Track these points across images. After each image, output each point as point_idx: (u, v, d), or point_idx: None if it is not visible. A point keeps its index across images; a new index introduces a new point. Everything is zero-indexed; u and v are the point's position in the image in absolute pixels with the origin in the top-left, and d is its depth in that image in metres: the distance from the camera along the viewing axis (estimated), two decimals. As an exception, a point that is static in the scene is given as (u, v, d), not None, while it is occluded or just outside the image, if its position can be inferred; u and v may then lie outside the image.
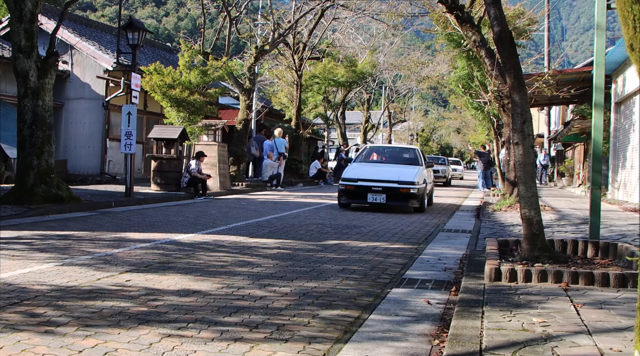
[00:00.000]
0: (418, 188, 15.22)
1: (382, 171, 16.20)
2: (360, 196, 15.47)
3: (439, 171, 32.12)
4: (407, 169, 16.19)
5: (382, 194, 15.23)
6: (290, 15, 27.51)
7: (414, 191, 15.14)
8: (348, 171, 16.32)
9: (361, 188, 15.41)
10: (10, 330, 4.44)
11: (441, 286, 6.42)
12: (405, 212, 15.77)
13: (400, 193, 15.22)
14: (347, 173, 16.07)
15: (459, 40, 18.26)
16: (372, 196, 15.28)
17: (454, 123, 64.09)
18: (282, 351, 4.20)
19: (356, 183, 15.52)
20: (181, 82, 20.94)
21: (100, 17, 79.27)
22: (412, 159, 17.57)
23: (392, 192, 15.24)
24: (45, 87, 13.38)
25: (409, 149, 18.81)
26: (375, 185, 15.34)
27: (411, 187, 15.17)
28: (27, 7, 13.05)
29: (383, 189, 15.28)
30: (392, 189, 15.25)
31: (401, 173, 15.64)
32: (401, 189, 15.15)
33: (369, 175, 15.73)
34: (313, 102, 37.07)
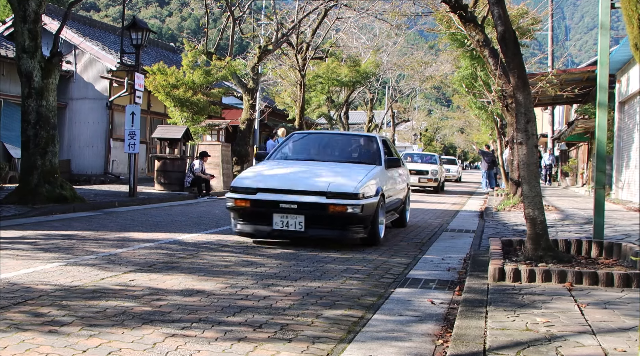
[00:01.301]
0: (363, 205, 8.56)
1: (305, 174, 9.30)
2: (260, 218, 8.92)
3: (426, 173, 26.62)
4: (350, 170, 9.46)
5: (298, 216, 8.66)
6: (294, 15, 27.49)
7: (354, 209, 8.45)
8: (243, 175, 9.48)
9: (262, 205, 8.81)
10: (14, 329, 4.45)
11: (445, 286, 6.42)
12: None
13: (329, 214, 8.59)
14: (241, 179, 9.24)
15: (463, 39, 18.24)
16: (281, 219, 8.68)
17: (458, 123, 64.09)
18: (285, 351, 4.20)
19: (254, 195, 8.83)
20: (185, 82, 20.96)
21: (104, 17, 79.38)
22: (364, 155, 10.75)
23: (315, 211, 8.63)
24: (49, 87, 13.39)
25: (362, 137, 11.50)
26: (286, 199, 8.67)
27: (350, 203, 8.47)
28: (30, 7, 13.06)
29: (299, 207, 8.64)
30: (314, 206, 8.61)
31: (336, 178, 8.95)
32: (330, 207, 8.52)
33: (279, 181, 9.07)
34: (316, 102, 37.05)
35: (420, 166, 27.39)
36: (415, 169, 25.93)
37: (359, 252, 8.65)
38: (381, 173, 9.91)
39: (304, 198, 8.70)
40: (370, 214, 8.88)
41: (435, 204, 18.76)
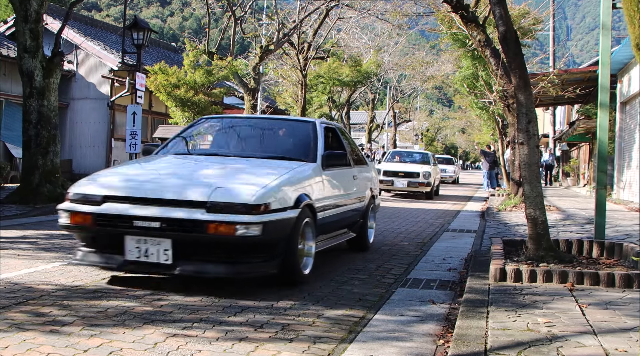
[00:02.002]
0: (265, 223, 5.64)
1: (182, 175, 6.40)
2: (108, 242, 6.05)
3: (416, 175, 21.43)
4: (259, 169, 6.67)
5: (163, 240, 5.71)
6: (295, 15, 27.48)
7: (248, 230, 5.55)
8: (89, 177, 6.53)
9: (108, 222, 5.86)
10: (15, 329, 4.45)
11: (446, 286, 6.42)
12: None
13: (209, 238, 5.64)
14: (84, 182, 6.32)
15: (464, 39, 18.24)
16: (137, 245, 5.78)
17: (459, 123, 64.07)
18: (287, 350, 4.20)
19: (98, 206, 5.91)
20: (186, 82, 20.96)
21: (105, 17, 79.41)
22: (293, 147, 7.71)
23: (187, 234, 5.66)
24: (51, 87, 13.40)
25: (294, 123, 8.54)
26: (143, 214, 5.75)
27: (241, 220, 5.53)
28: (32, 7, 13.07)
29: (164, 225, 5.67)
30: (187, 224, 5.63)
31: (227, 181, 6.06)
32: (210, 226, 5.57)
33: (135, 186, 6.08)
34: (318, 101, 37.04)
35: (409, 167, 22.26)
36: (402, 171, 21.75)
37: (360, 252, 8.64)
38: (312, 174, 6.81)
39: (172, 212, 5.62)
40: (279, 238, 5.82)
41: (436, 204, 18.76)
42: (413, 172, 21.54)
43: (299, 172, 6.63)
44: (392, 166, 22.59)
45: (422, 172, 21.44)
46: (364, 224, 8.76)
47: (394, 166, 22.63)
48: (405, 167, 22.15)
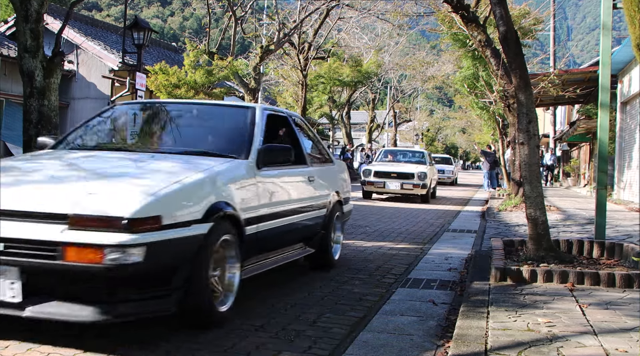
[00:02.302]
0: (149, 245, 3.93)
1: (49, 176, 4.72)
2: None
3: (410, 177, 19.38)
4: (158, 169, 4.92)
5: (8, 269, 3.94)
6: (296, 15, 27.48)
7: (122, 256, 3.80)
8: None
9: None
10: (16, 328, 4.45)
11: (446, 286, 6.42)
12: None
13: (68, 269, 3.84)
14: None
15: (465, 40, 18.24)
16: None
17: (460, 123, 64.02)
18: (287, 350, 4.20)
19: None
20: (186, 81, 20.96)
21: (106, 17, 79.39)
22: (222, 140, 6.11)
23: (40, 261, 3.86)
24: (51, 87, 13.36)
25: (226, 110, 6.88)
26: None
27: (114, 242, 3.80)
28: (33, 6, 13.05)
29: (8, 248, 3.91)
30: (38, 249, 3.87)
31: (103, 184, 4.42)
32: (68, 251, 3.80)
33: None
34: (318, 101, 37.07)
35: (403, 167, 20.44)
36: (395, 172, 19.81)
37: (361, 252, 8.65)
38: (240, 174, 5.25)
39: (19, 230, 3.96)
40: (176, 264, 4.23)
41: (436, 205, 18.77)
42: (407, 173, 19.52)
43: (220, 172, 4.97)
44: (384, 166, 20.66)
45: (417, 173, 19.28)
46: (325, 236, 7.10)
47: (387, 166, 20.71)
48: (398, 168, 20.24)
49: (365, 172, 20.04)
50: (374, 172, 19.81)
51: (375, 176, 19.73)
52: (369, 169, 20.01)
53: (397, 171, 19.83)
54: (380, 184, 19.66)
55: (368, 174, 19.87)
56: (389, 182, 19.55)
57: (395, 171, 19.91)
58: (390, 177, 19.70)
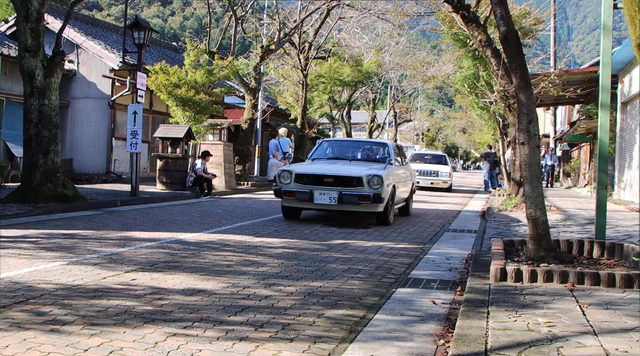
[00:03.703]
0: None
1: None
2: None
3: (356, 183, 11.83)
4: None
5: None
6: (296, 15, 27.51)
7: None
8: None
9: None
10: (16, 328, 4.45)
11: (447, 286, 6.42)
12: None
13: None
14: None
15: (465, 40, 18.25)
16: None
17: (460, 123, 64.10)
18: (287, 350, 4.20)
19: None
20: (187, 81, 20.96)
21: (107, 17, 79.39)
22: None
23: None
24: (52, 86, 13.40)
25: None
26: None
27: None
28: (33, 6, 13.07)
29: None
30: None
31: None
32: None
33: None
34: (319, 101, 37.05)
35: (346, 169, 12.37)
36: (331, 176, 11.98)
37: (361, 252, 8.65)
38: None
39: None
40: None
41: (437, 204, 18.74)
42: (350, 178, 11.93)
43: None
44: (315, 167, 12.63)
45: (367, 177, 11.74)
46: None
47: (320, 167, 12.63)
48: (337, 170, 12.34)
49: (283, 176, 12.28)
50: (295, 175, 12.20)
51: (298, 182, 12.14)
52: (289, 170, 12.37)
53: (334, 175, 12.09)
54: (305, 198, 11.95)
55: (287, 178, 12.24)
56: (318, 193, 11.85)
57: (331, 174, 12.12)
58: (323, 183, 12.05)
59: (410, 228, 12.07)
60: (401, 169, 14.02)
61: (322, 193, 11.82)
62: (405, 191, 14.17)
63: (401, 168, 14.11)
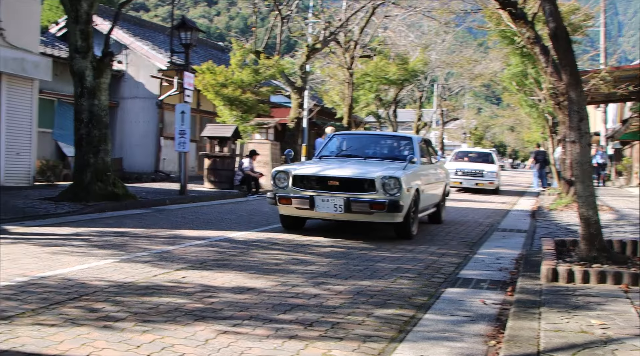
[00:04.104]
0: None
1: None
2: None
3: (368, 187, 9.45)
4: None
5: None
6: (341, 14, 27.48)
7: None
8: None
9: None
10: (70, 324, 4.53)
11: (497, 286, 6.35)
12: None
13: None
14: None
15: (512, 37, 18.01)
16: None
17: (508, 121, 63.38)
18: (337, 349, 4.20)
19: None
20: (233, 81, 21.10)
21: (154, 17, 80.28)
22: None
23: None
24: (101, 87, 13.59)
25: None
26: None
27: None
28: (82, 8, 13.28)
29: None
30: None
31: None
32: None
33: None
34: (365, 100, 36.92)
35: (355, 170, 9.85)
36: (337, 178, 9.59)
37: (409, 251, 8.61)
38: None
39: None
40: None
41: (485, 203, 18.55)
42: (359, 181, 9.56)
43: None
44: (318, 167, 10.24)
45: (381, 179, 9.40)
46: None
47: (324, 166, 10.24)
48: (345, 170, 9.93)
49: (279, 179, 9.99)
50: (293, 178, 9.89)
51: (297, 185, 9.85)
52: (286, 173, 9.97)
53: (339, 176, 9.67)
54: (305, 204, 9.64)
55: (284, 181, 9.95)
56: (319, 200, 9.55)
57: (334, 175, 9.72)
58: (326, 188, 9.66)
59: (458, 227, 11.97)
60: (429, 169, 11.57)
61: (325, 200, 9.46)
62: (435, 195, 11.84)
63: (429, 167, 11.65)
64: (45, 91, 19.46)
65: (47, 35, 23.23)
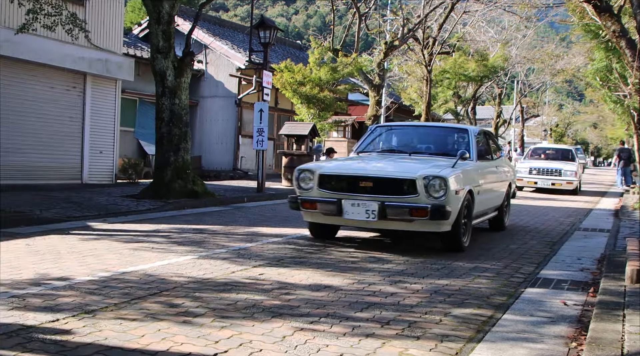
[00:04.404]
0: None
1: None
2: None
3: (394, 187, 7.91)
4: None
5: None
6: (420, 10, 27.29)
7: None
8: None
9: None
10: (150, 318, 4.62)
11: (578, 287, 6.19)
12: None
13: None
14: None
15: (597, 30, 17.57)
16: None
17: (590, 118, 61.90)
18: (414, 348, 4.17)
19: None
20: (311, 79, 21.20)
21: (233, 17, 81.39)
22: None
23: None
24: (182, 86, 13.85)
25: None
26: None
27: None
28: (164, 9, 13.55)
29: None
30: None
31: None
32: None
33: None
34: (443, 97, 36.63)
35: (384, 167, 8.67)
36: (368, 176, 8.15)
37: (488, 250, 8.48)
38: None
39: None
40: None
41: (566, 202, 18.13)
42: (397, 181, 8.00)
43: None
44: (349, 164, 8.92)
45: (423, 179, 7.79)
46: None
47: (357, 164, 8.88)
48: (381, 168, 8.58)
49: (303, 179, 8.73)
50: (319, 178, 8.50)
51: (324, 187, 8.37)
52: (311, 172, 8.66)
53: (373, 176, 8.17)
54: (332, 209, 8.11)
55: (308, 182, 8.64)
56: (349, 205, 7.98)
57: (367, 174, 8.22)
58: (357, 190, 8.12)
59: (538, 226, 11.74)
60: (489, 166, 9.90)
61: (355, 204, 7.86)
62: (496, 196, 10.24)
63: (488, 164, 9.93)
64: (128, 90, 19.98)
65: (130, 37, 23.83)
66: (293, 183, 8.95)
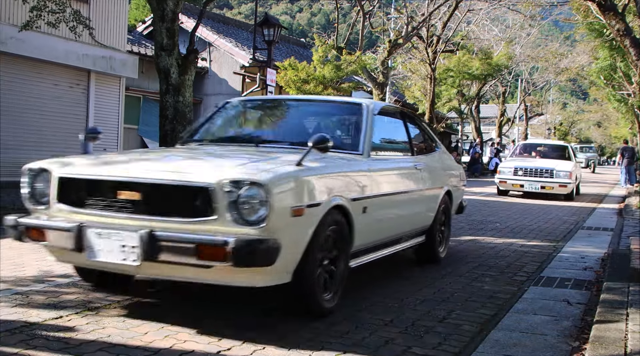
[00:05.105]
0: None
1: None
2: None
3: None
4: None
5: None
6: (424, 8, 27.24)
7: None
8: None
9: None
10: (154, 316, 4.62)
11: (581, 286, 6.19)
12: None
13: None
14: None
15: (601, 29, 17.58)
16: None
17: (594, 116, 61.82)
18: (417, 346, 4.17)
19: None
20: (315, 77, 21.19)
21: (237, 15, 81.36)
22: None
23: None
24: (186, 84, 13.83)
25: None
26: None
27: None
28: (168, 6, 13.53)
29: None
30: None
31: None
32: None
33: None
34: (447, 95, 36.59)
35: None
36: None
37: (491, 249, 8.48)
38: None
39: None
40: None
41: (569, 201, 18.09)
42: (182, 189, 4.32)
43: None
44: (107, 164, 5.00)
45: (224, 184, 4.12)
46: None
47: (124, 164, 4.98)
48: (150, 170, 4.60)
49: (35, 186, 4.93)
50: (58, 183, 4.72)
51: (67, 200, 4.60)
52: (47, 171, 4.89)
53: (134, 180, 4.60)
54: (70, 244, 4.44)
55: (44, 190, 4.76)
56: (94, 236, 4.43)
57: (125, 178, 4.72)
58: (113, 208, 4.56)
59: (542, 225, 11.73)
60: (401, 164, 6.58)
61: (103, 234, 4.18)
62: (415, 213, 6.66)
63: (401, 161, 6.67)
64: (132, 88, 20.00)
65: (134, 34, 23.84)
66: (22, 193, 5.13)
